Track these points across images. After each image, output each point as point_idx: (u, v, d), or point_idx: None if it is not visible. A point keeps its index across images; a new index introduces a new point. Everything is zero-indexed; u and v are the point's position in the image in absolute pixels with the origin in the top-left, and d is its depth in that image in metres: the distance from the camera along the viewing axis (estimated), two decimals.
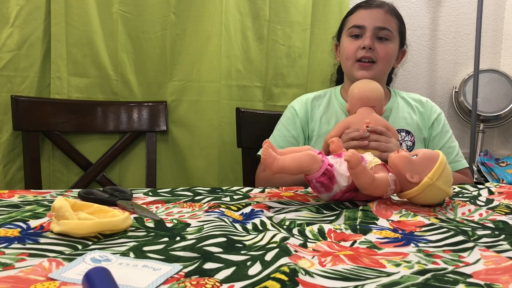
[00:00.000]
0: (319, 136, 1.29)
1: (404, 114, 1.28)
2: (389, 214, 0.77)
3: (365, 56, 1.21)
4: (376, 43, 1.22)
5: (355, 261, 0.54)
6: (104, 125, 1.52)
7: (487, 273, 0.50)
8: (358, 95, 1.12)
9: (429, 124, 1.30)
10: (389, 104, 1.30)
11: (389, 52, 1.24)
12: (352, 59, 1.23)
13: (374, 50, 1.21)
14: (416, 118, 1.29)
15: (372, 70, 1.22)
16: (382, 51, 1.22)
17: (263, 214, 0.73)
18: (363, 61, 1.23)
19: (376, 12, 1.23)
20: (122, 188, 0.86)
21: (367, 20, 1.23)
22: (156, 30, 1.56)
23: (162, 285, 0.45)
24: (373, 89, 1.13)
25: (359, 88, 1.14)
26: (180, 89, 1.61)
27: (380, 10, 1.24)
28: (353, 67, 1.24)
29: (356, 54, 1.22)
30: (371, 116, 1.09)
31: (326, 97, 1.34)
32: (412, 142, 1.25)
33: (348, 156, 0.77)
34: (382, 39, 1.23)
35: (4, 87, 1.40)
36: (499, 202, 0.89)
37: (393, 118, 1.27)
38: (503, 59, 2.25)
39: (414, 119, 1.29)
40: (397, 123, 1.27)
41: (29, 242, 0.56)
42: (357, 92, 1.13)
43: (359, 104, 1.12)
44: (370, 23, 1.22)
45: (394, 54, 1.28)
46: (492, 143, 2.31)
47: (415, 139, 1.26)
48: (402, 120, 1.27)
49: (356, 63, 1.23)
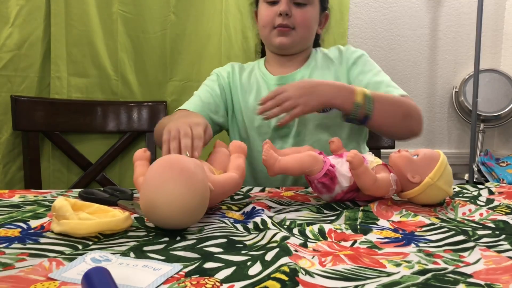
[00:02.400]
0: (242, 108, 1.20)
1: (324, 72, 1.19)
2: (390, 215, 0.77)
3: (282, 24, 1.13)
4: (293, 8, 1.13)
5: (355, 261, 0.53)
6: (104, 125, 1.52)
7: (488, 273, 0.50)
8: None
9: (348, 67, 1.20)
10: (306, 64, 1.21)
11: (308, 17, 1.15)
12: (269, 26, 1.15)
13: (291, 16, 1.13)
14: (336, 72, 1.19)
15: (291, 36, 1.14)
16: (299, 16, 1.13)
17: (264, 213, 0.73)
18: (282, 27, 1.14)
19: None
20: (123, 188, 0.86)
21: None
22: (156, 30, 1.56)
23: (162, 285, 0.45)
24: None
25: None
26: (180, 89, 1.61)
27: None
28: (271, 33, 1.16)
29: (273, 21, 1.14)
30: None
31: (249, 67, 1.27)
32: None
33: (350, 157, 0.77)
34: (300, 4, 1.14)
35: (4, 87, 1.40)
36: (499, 202, 0.89)
37: (314, 77, 1.18)
38: (503, 59, 2.25)
39: (334, 74, 1.19)
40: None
41: (29, 242, 0.56)
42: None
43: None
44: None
45: (315, 19, 1.19)
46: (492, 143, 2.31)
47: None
48: (321, 78, 1.16)
49: (274, 30, 1.15)
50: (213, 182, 0.69)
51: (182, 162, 0.64)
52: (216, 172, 0.78)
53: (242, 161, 0.82)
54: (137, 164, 0.79)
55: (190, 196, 0.61)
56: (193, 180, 0.62)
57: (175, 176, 0.61)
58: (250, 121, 1.18)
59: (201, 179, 0.64)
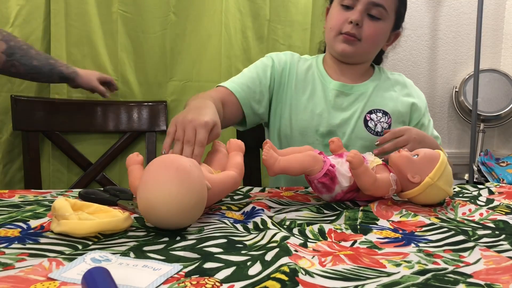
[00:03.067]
0: (292, 105, 1.16)
1: (385, 94, 1.19)
2: (390, 215, 0.77)
3: (349, 32, 1.09)
4: (365, 19, 1.09)
5: (355, 261, 0.53)
6: (104, 125, 1.52)
7: (488, 273, 0.50)
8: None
9: (417, 112, 1.21)
10: (370, 81, 1.20)
11: (377, 32, 1.11)
12: (337, 30, 1.11)
13: (361, 27, 1.09)
14: (396, 99, 1.20)
15: (355, 47, 1.11)
16: (369, 30, 1.09)
17: (263, 213, 0.73)
18: (348, 35, 1.11)
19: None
20: (123, 188, 0.86)
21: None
22: (156, 30, 1.56)
23: (162, 285, 0.45)
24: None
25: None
26: (180, 89, 1.61)
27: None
28: (336, 38, 1.12)
29: (341, 27, 1.10)
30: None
31: (307, 62, 1.23)
32: (388, 124, 1.16)
33: (350, 157, 0.77)
34: (374, 17, 1.10)
35: (4, 87, 1.40)
36: (499, 202, 0.89)
37: (372, 96, 1.18)
38: (503, 58, 2.25)
39: (394, 101, 1.19)
40: (375, 102, 1.17)
41: (29, 242, 0.56)
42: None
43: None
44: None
45: (384, 35, 1.15)
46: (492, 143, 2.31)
47: (392, 121, 1.17)
48: (381, 100, 1.18)
49: (340, 35, 1.11)
50: (211, 181, 0.68)
51: (178, 162, 0.63)
52: (215, 173, 0.78)
53: (240, 159, 0.82)
54: (131, 169, 0.78)
55: (186, 195, 0.61)
56: (189, 179, 0.62)
57: (170, 175, 0.61)
58: (297, 121, 1.14)
59: (198, 178, 0.64)
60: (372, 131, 1.14)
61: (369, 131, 1.14)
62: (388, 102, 1.18)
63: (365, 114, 1.15)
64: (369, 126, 1.14)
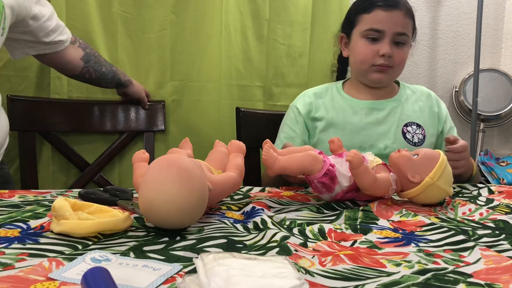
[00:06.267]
0: (328, 122, 1.23)
1: (414, 107, 1.26)
2: (390, 215, 0.77)
3: (383, 64, 1.18)
4: (393, 48, 1.19)
5: (355, 261, 0.53)
6: (102, 125, 1.51)
7: (488, 273, 0.50)
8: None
9: (442, 120, 1.28)
10: (398, 96, 1.28)
11: (405, 57, 1.23)
12: (368, 64, 1.20)
13: (392, 56, 1.19)
14: (424, 111, 1.27)
15: (389, 74, 1.21)
16: (398, 57, 1.20)
17: (263, 212, 0.73)
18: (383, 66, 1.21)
19: (396, 16, 1.18)
20: (123, 188, 0.86)
21: (387, 25, 1.17)
22: (156, 30, 1.56)
23: (162, 285, 0.45)
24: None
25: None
26: (180, 89, 1.61)
27: (399, 12, 1.18)
28: (369, 70, 1.21)
29: (373, 60, 1.19)
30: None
31: (328, 94, 1.29)
32: (423, 136, 1.23)
33: (350, 157, 0.77)
34: (399, 43, 1.20)
35: (4, 87, 1.39)
36: (499, 201, 0.89)
37: (403, 110, 1.25)
38: (503, 58, 2.25)
39: (423, 112, 1.26)
40: (407, 115, 1.24)
41: (29, 242, 0.56)
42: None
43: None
44: (390, 29, 1.17)
45: (408, 55, 1.26)
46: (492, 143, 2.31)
47: (425, 132, 1.24)
48: (412, 113, 1.25)
49: (372, 67, 1.20)
50: (212, 182, 0.69)
51: (180, 162, 0.63)
52: (215, 172, 0.78)
53: (241, 160, 0.82)
54: (136, 166, 0.78)
55: (188, 196, 0.61)
56: (191, 179, 0.62)
57: (172, 175, 0.61)
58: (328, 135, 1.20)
59: (199, 179, 0.64)
60: (411, 142, 1.22)
61: (408, 142, 1.21)
62: (418, 114, 1.26)
63: (402, 127, 1.23)
64: (408, 138, 1.22)
